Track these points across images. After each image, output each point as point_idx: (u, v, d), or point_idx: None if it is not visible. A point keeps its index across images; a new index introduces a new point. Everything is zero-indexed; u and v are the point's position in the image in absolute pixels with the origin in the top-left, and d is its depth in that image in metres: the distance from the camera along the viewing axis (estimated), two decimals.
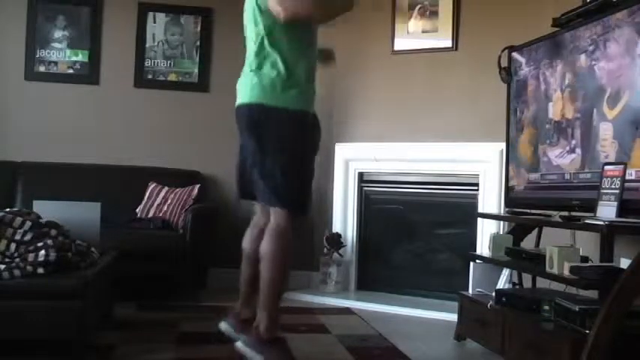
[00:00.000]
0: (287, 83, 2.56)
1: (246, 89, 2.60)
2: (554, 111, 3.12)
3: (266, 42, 2.56)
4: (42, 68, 4.84)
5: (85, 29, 4.88)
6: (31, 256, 2.66)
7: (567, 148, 3.01)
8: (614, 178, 2.52)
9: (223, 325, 2.69)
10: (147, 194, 4.55)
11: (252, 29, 2.62)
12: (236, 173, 2.76)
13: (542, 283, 3.17)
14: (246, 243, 2.75)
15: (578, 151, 2.93)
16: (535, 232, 3.40)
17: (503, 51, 3.57)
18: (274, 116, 2.54)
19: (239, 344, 2.56)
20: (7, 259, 2.69)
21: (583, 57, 2.91)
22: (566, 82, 3.03)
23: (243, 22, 2.71)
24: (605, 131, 2.74)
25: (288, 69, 2.56)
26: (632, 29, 2.60)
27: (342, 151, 4.71)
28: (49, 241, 2.73)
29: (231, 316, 2.72)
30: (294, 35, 2.59)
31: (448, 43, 4.32)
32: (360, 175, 4.72)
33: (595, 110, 2.81)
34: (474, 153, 4.17)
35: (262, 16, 2.56)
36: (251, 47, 2.63)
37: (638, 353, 2.35)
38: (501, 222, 3.91)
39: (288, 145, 2.54)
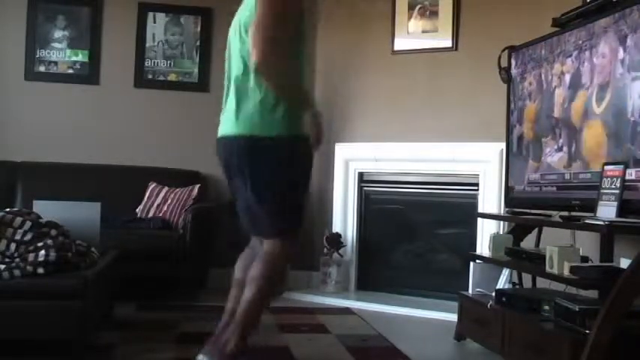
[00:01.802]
0: (274, 108, 2.42)
1: (228, 120, 2.50)
2: (554, 111, 3.12)
3: (250, 67, 2.43)
4: (42, 68, 4.84)
5: (85, 29, 4.88)
6: (31, 256, 2.66)
7: (567, 147, 3.02)
8: (614, 178, 2.52)
9: (201, 358, 2.53)
10: (147, 194, 4.55)
11: (236, 53, 2.52)
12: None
13: (542, 283, 3.17)
14: (239, 270, 2.67)
15: (577, 150, 2.93)
16: (535, 232, 3.40)
17: (503, 51, 3.57)
18: (261, 146, 2.43)
19: (200, 357, 2.49)
20: (7, 259, 2.69)
21: (583, 57, 2.91)
22: (567, 81, 3.03)
23: (228, 47, 2.61)
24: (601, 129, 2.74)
25: (274, 93, 2.42)
26: (631, 29, 2.61)
27: (342, 151, 4.71)
28: (49, 241, 2.73)
29: (210, 342, 2.58)
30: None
31: (448, 43, 4.32)
32: (360, 175, 4.72)
33: (595, 110, 2.81)
34: (474, 153, 4.17)
35: (247, 42, 2.44)
36: (234, 70, 2.52)
37: (638, 353, 2.35)
38: (501, 222, 3.91)
39: (276, 173, 2.44)
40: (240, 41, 2.50)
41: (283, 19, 2.39)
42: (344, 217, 4.69)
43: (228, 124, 2.51)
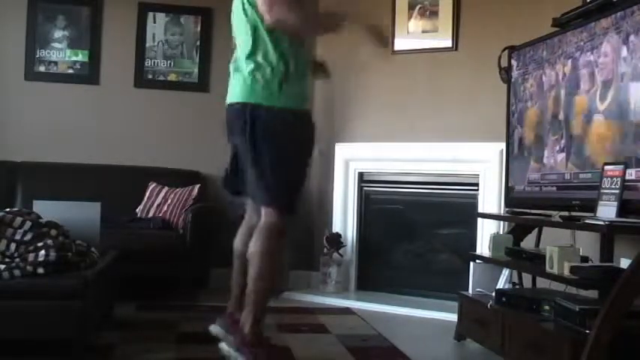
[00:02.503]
0: (279, 81, 2.54)
1: (236, 88, 2.60)
2: (554, 111, 3.12)
3: (257, 37, 2.55)
4: (42, 68, 4.84)
5: (85, 29, 4.88)
6: (31, 256, 2.66)
7: (567, 147, 3.02)
8: (614, 178, 2.52)
9: (214, 328, 2.63)
10: (147, 194, 4.55)
11: (242, 26, 2.61)
12: (226, 169, 2.76)
13: (542, 283, 3.17)
14: (237, 243, 2.74)
15: (578, 150, 2.93)
16: (535, 232, 3.40)
17: (503, 51, 3.57)
18: (266, 115, 2.53)
19: (222, 344, 2.55)
20: (7, 259, 2.69)
21: (584, 57, 2.91)
22: (567, 81, 3.03)
23: (232, 23, 2.70)
24: (601, 129, 2.74)
25: (280, 65, 2.55)
26: (632, 29, 2.61)
27: (342, 151, 4.71)
28: (49, 241, 2.73)
29: (225, 317, 2.68)
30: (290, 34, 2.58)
31: (448, 43, 4.32)
32: (360, 175, 4.72)
33: (595, 110, 2.81)
34: (474, 153, 4.17)
35: (253, 11, 2.55)
36: (241, 44, 2.62)
37: (638, 353, 2.35)
38: (501, 222, 3.91)
39: (278, 143, 2.53)
40: (244, 13, 2.57)
41: None
42: (344, 217, 4.69)
43: (235, 92, 2.60)
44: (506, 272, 3.29)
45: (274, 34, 2.55)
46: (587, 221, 2.54)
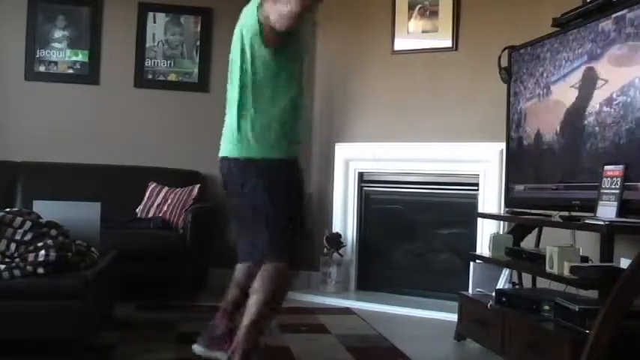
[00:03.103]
0: (276, 131, 2.46)
1: (227, 140, 2.54)
2: (554, 110, 3.12)
3: (253, 83, 2.47)
4: (42, 68, 4.84)
5: (85, 29, 4.88)
6: (31, 256, 2.66)
7: (567, 147, 3.02)
8: (614, 178, 2.52)
9: (197, 348, 2.58)
10: (147, 194, 4.55)
11: (238, 70, 2.53)
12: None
13: (542, 283, 3.17)
14: (239, 272, 2.69)
15: (577, 149, 2.93)
16: (535, 232, 3.40)
17: (503, 51, 3.57)
18: (262, 169, 2.47)
19: (195, 347, 2.53)
20: (7, 259, 2.69)
21: (584, 57, 2.91)
22: (567, 81, 3.03)
23: (230, 58, 2.62)
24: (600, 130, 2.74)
25: (277, 112, 2.47)
26: (632, 29, 2.61)
27: (342, 151, 4.70)
28: (49, 241, 2.73)
29: (204, 334, 2.61)
30: (286, 70, 2.50)
31: (448, 43, 4.32)
32: (360, 175, 4.72)
33: (596, 110, 2.81)
34: (474, 153, 4.17)
35: (258, 52, 2.47)
36: (236, 87, 2.53)
37: (638, 353, 2.35)
38: (501, 222, 3.91)
39: (276, 197, 2.46)
40: (242, 54, 2.51)
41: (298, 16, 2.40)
42: (344, 217, 4.69)
43: (228, 146, 2.54)
44: (506, 272, 3.29)
45: (261, 81, 2.47)
46: (587, 221, 2.54)
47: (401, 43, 4.50)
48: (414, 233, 4.58)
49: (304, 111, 2.64)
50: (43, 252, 2.67)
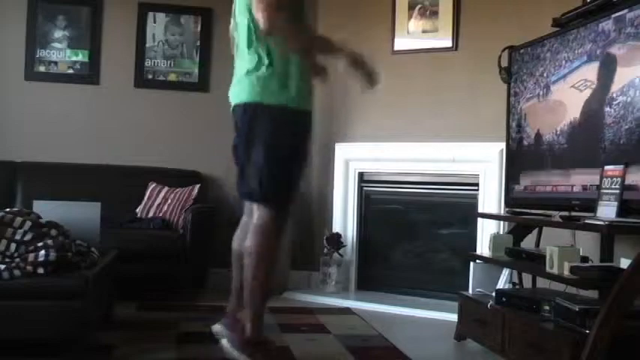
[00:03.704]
0: (279, 78, 2.53)
1: (236, 87, 2.62)
2: (554, 110, 3.12)
3: (257, 34, 2.53)
4: (42, 68, 4.84)
5: (85, 29, 4.88)
6: (31, 256, 2.66)
7: (567, 146, 3.02)
8: (614, 178, 2.52)
9: (216, 327, 2.63)
10: (147, 194, 4.55)
11: (242, 24, 2.59)
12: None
13: (542, 283, 3.17)
14: (235, 243, 2.73)
15: (576, 149, 2.93)
16: (535, 232, 3.40)
17: (503, 51, 3.57)
18: (262, 113, 2.53)
19: (224, 342, 2.55)
20: (7, 259, 2.69)
21: (584, 56, 2.91)
22: (567, 81, 3.03)
23: (234, 21, 2.68)
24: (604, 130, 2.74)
25: (280, 62, 2.53)
26: (632, 29, 2.61)
27: (342, 151, 4.70)
28: (49, 241, 2.73)
29: (226, 316, 2.68)
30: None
31: (448, 43, 4.32)
32: (360, 175, 4.72)
33: (596, 109, 2.82)
34: (474, 153, 4.17)
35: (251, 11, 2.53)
36: (241, 41, 2.60)
37: (638, 353, 2.35)
38: (501, 222, 3.91)
39: (274, 142, 2.52)
40: (244, 13, 2.55)
41: None
42: (344, 217, 4.69)
43: (235, 92, 2.62)
44: (506, 272, 3.29)
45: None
46: (587, 221, 2.53)
47: (401, 43, 4.50)
48: (414, 233, 4.58)
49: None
50: (43, 252, 2.67)
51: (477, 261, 3.45)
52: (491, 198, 4.07)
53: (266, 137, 2.52)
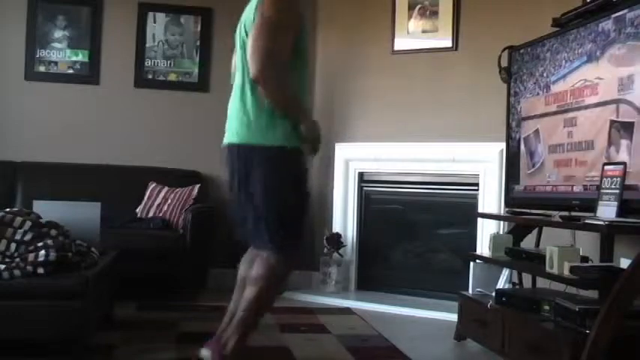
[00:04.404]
0: (276, 119, 2.42)
1: (231, 126, 2.51)
2: (554, 110, 3.12)
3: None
4: (42, 68, 4.84)
5: (85, 29, 4.88)
6: (31, 256, 2.66)
7: (567, 146, 3.02)
8: (614, 178, 2.52)
9: (204, 352, 2.55)
10: (147, 194, 4.55)
11: (241, 55, 2.50)
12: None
13: (542, 283, 3.17)
14: (242, 269, 2.66)
15: (576, 149, 2.93)
16: (535, 232, 3.40)
17: (503, 51, 3.57)
18: (261, 156, 2.43)
19: (203, 351, 2.50)
20: (7, 259, 2.69)
21: (584, 56, 2.91)
22: (567, 81, 3.03)
23: (235, 48, 2.59)
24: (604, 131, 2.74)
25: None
26: (631, 29, 2.61)
27: (342, 151, 4.71)
28: (49, 241, 2.73)
29: (215, 339, 2.57)
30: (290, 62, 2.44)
31: (448, 43, 4.32)
32: (360, 175, 4.72)
33: (595, 109, 2.82)
34: (474, 153, 4.17)
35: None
36: (239, 74, 2.51)
37: (638, 353, 2.35)
38: (501, 222, 3.91)
39: (278, 185, 2.42)
40: (243, 47, 2.48)
41: (282, 29, 2.36)
42: (344, 217, 4.69)
43: (231, 132, 2.51)
44: (506, 272, 3.29)
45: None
46: (587, 221, 2.53)
47: (401, 43, 4.50)
48: (414, 233, 4.58)
49: (307, 101, 2.60)
50: (43, 252, 2.67)
51: (477, 261, 3.45)
52: (491, 198, 4.07)
53: (266, 183, 2.41)
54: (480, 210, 4.09)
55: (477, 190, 4.19)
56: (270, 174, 2.43)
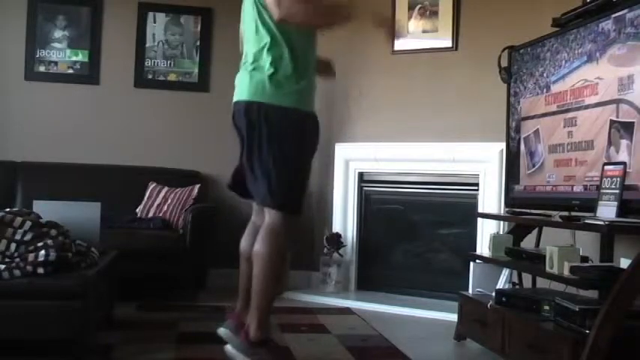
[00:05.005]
0: (289, 81, 2.53)
1: (244, 85, 2.58)
2: (554, 110, 3.12)
3: (267, 35, 2.52)
4: (42, 68, 4.84)
5: (85, 29, 4.88)
6: (31, 256, 2.66)
7: (567, 146, 3.02)
8: (614, 178, 2.52)
9: (222, 331, 2.63)
10: (147, 194, 4.55)
11: (251, 25, 2.58)
12: (236, 170, 2.72)
13: (542, 283, 3.17)
14: (244, 243, 2.72)
15: (576, 149, 2.93)
16: (535, 232, 3.40)
17: (503, 51, 3.57)
18: (274, 115, 2.51)
19: (228, 347, 2.54)
20: (7, 259, 2.69)
21: (584, 56, 2.91)
22: (567, 81, 3.03)
23: (242, 18, 2.68)
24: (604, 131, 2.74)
25: (290, 64, 2.53)
26: (631, 29, 2.61)
27: (342, 151, 4.71)
28: (49, 241, 2.73)
29: (231, 318, 2.68)
30: (301, 29, 2.56)
31: (448, 43, 4.32)
32: (360, 175, 4.72)
33: (595, 109, 2.82)
34: (474, 153, 4.17)
35: (262, 9, 2.53)
36: (250, 42, 2.59)
37: (638, 353, 2.35)
38: (501, 222, 3.91)
39: (284, 144, 2.51)
40: (255, 11, 2.54)
41: None
42: (344, 217, 4.69)
43: (242, 89, 2.58)
44: (506, 272, 3.29)
45: (285, 33, 2.53)
46: (587, 221, 2.53)
47: (401, 43, 4.50)
48: (414, 233, 4.58)
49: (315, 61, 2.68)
50: (43, 252, 2.67)
51: (477, 261, 3.45)
52: (491, 198, 4.07)
53: (277, 140, 2.50)
54: (480, 210, 4.09)
55: (477, 190, 4.19)
56: (281, 131, 2.50)
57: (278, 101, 2.52)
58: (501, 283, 3.27)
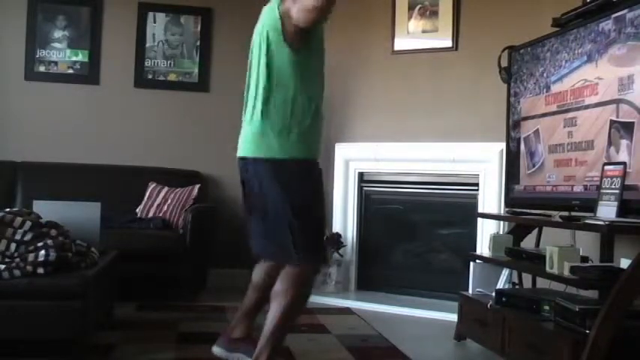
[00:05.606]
0: (282, 131, 2.39)
1: (246, 139, 2.47)
2: (554, 110, 3.12)
3: (272, 80, 2.39)
4: (42, 68, 4.84)
5: (85, 29, 4.88)
6: (31, 256, 2.66)
7: (567, 146, 3.02)
8: (614, 178, 2.52)
9: (216, 349, 2.62)
10: (147, 194, 4.55)
11: (257, 67, 2.44)
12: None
13: (542, 283, 3.17)
14: (257, 274, 2.67)
15: (576, 149, 2.93)
16: (535, 232, 3.40)
17: (503, 51, 3.57)
18: (282, 169, 2.40)
19: (215, 349, 2.54)
20: (7, 259, 2.69)
21: (583, 56, 2.91)
22: (567, 81, 3.03)
23: (250, 60, 2.53)
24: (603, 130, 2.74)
25: (290, 111, 2.40)
26: (631, 29, 2.61)
27: (342, 151, 4.71)
28: (49, 241, 2.73)
29: (223, 336, 2.66)
30: (306, 68, 2.42)
31: (448, 43, 4.32)
32: (360, 175, 4.72)
33: (595, 109, 2.82)
34: (474, 153, 4.17)
35: (278, 49, 2.39)
36: (253, 87, 2.46)
37: (638, 353, 2.35)
38: (501, 222, 3.91)
39: (299, 197, 2.40)
40: (260, 53, 2.42)
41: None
42: (344, 217, 4.69)
43: (245, 145, 2.47)
44: (506, 272, 3.29)
45: (284, 72, 2.39)
46: (587, 221, 2.54)
47: (401, 43, 4.50)
48: (414, 233, 4.58)
49: (322, 113, 2.54)
50: (43, 252, 2.67)
51: (477, 261, 3.45)
52: (491, 198, 4.07)
53: (290, 195, 2.38)
54: (480, 210, 4.09)
55: (477, 190, 4.19)
56: (292, 185, 2.40)
57: (284, 154, 2.40)
58: (501, 283, 3.27)
